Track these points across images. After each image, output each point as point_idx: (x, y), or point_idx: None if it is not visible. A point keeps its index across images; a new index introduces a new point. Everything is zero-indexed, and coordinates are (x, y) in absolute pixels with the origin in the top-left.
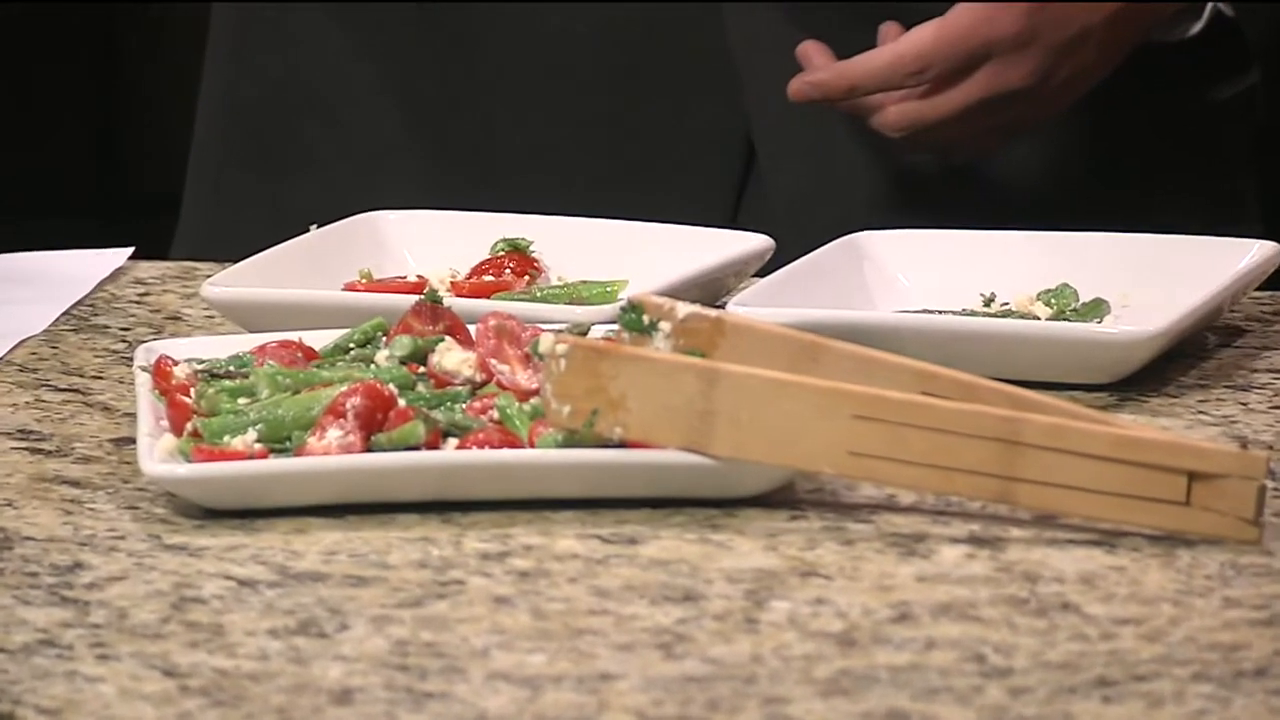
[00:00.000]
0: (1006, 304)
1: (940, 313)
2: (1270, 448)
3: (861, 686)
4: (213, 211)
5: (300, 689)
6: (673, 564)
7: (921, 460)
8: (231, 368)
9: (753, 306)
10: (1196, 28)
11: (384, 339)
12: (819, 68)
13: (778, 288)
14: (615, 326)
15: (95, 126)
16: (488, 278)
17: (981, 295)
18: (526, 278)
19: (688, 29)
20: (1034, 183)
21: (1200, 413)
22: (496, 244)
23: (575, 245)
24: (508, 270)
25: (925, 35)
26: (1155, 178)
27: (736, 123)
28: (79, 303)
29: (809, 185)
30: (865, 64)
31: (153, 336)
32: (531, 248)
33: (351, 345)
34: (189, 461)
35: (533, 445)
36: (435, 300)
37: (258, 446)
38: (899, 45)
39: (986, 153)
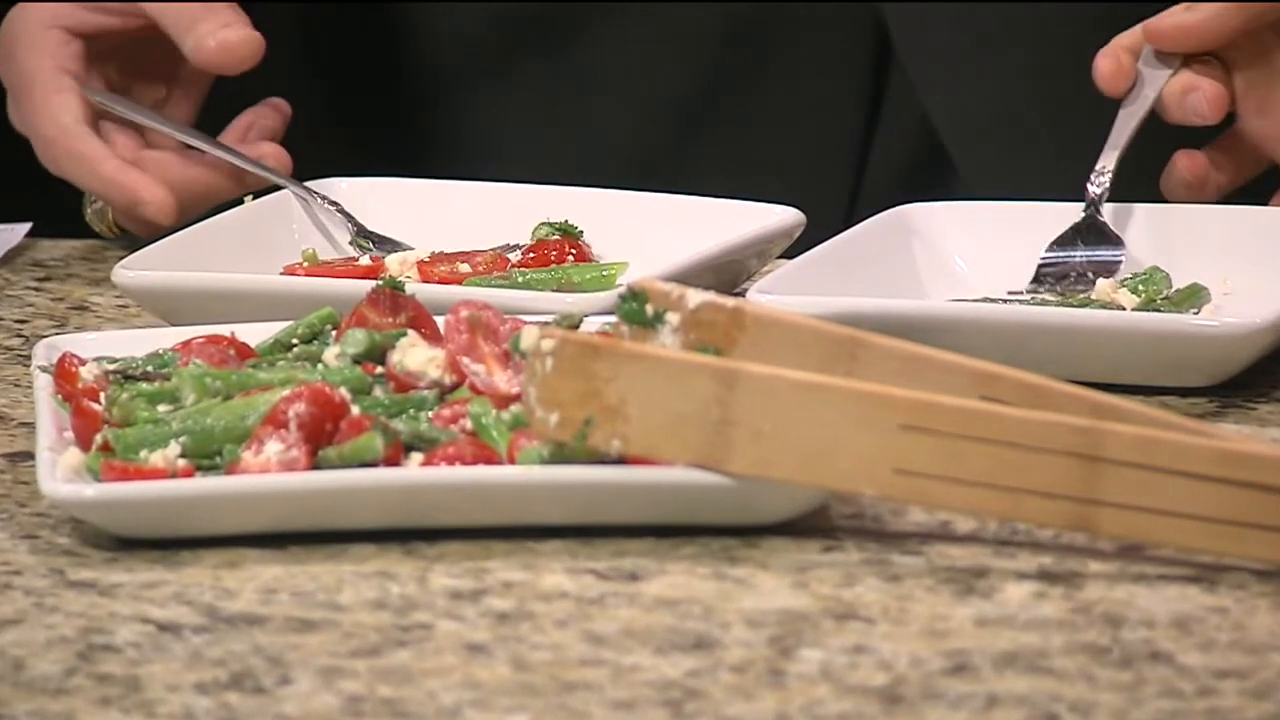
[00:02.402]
0: (1084, 290)
1: (1004, 301)
2: None
3: None
4: None
5: None
6: (682, 604)
7: (982, 480)
8: (150, 368)
9: (778, 294)
10: None
11: (333, 333)
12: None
13: (808, 271)
14: (613, 318)
15: None
16: (522, 272)
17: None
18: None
19: None
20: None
21: None
22: (539, 227)
23: (565, 218)
24: (552, 260)
25: None
26: None
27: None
28: None
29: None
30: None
31: (54, 330)
32: (579, 231)
33: (294, 341)
34: (98, 481)
35: (513, 461)
36: (395, 287)
37: (181, 463)
38: None
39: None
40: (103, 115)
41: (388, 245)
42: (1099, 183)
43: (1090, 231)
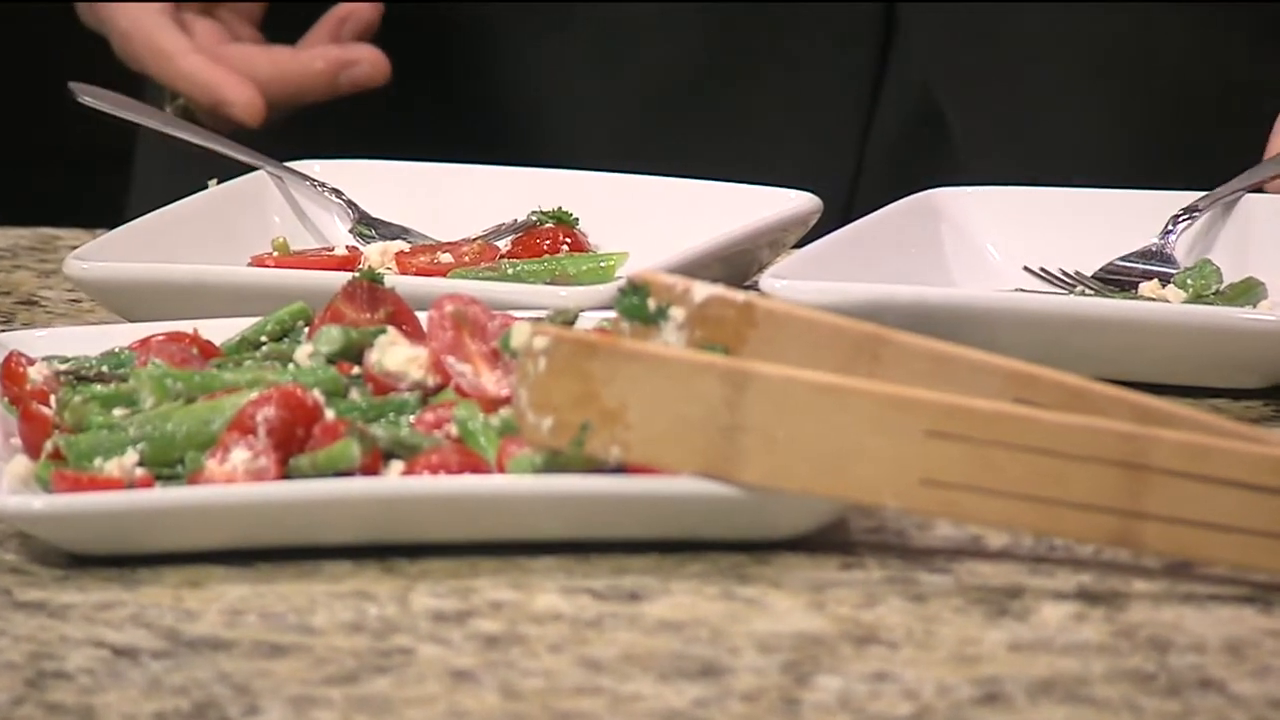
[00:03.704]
0: (1120, 281)
1: (1041, 293)
2: None
3: None
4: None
5: None
6: (688, 627)
7: (1016, 491)
8: (105, 368)
9: (793, 282)
10: None
11: (306, 330)
12: None
13: (827, 257)
14: (612, 314)
15: None
16: (512, 263)
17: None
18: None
19: None
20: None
21: None
22: (532, 214)
23: (558, 204)
24: (544, 249)
25: None
26: None
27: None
28: None
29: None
30: None
31: (0, 327)
32: (574, 219)
33: (263, 339)
34: (48, 492)
35: (502, 470)
36: (374, 279)
37: (140, 472)
38: None
39: None
40: (183, 7)
41: (393, 233)
42: (1185, 219)
43: (1156, 257)
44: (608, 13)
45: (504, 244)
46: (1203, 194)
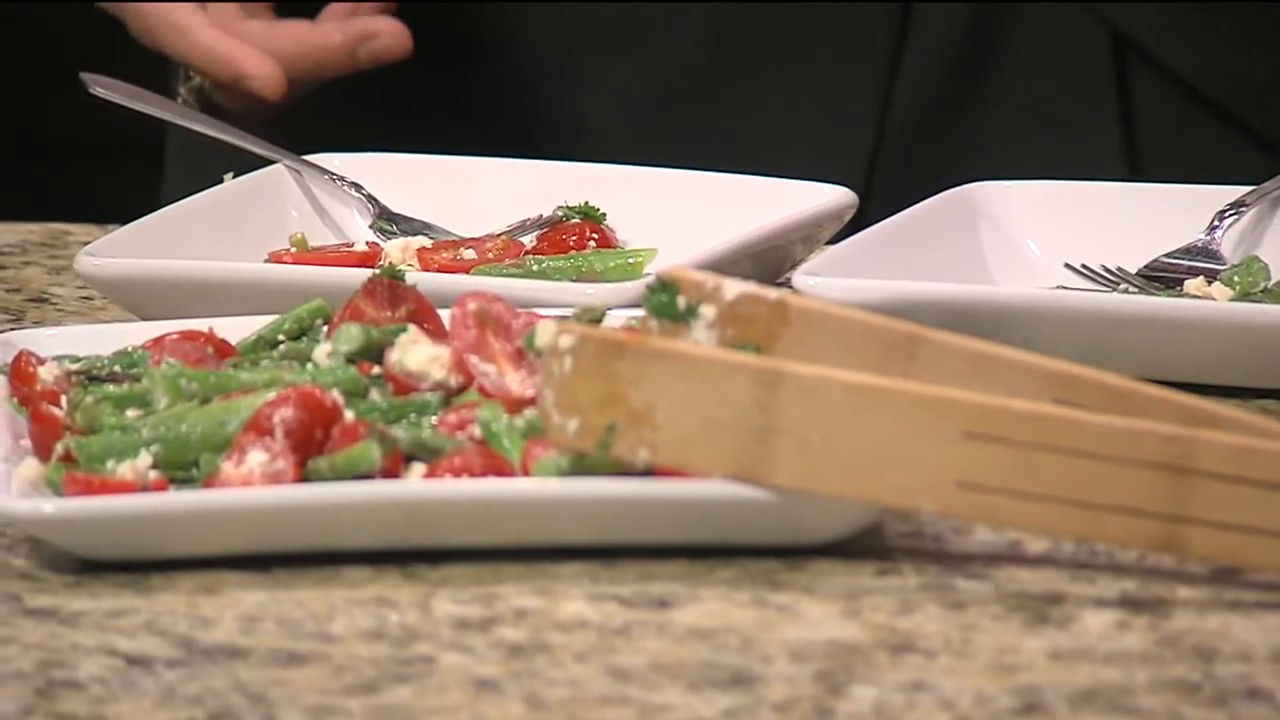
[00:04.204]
0: (1164, 278)
1: (1082, 290)
2: None
3: None
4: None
5: None
6: (718, 635)
7: (1057, 495)
8: (117, 368)
9: (827, 279)
10: None
11: (325, 329)
12: None
13: (862, 253)
14: (640, 312)
15: None
16: (537, 259)
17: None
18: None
19: None
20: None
21: None
22: (558, 208)
23: (585, 199)
24: (571, 245)
25: None
26: None
27: None
28: None
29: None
30: None
31: (10, 326)
32: (601, 214)
33: (280, 337)
34: (59, 495)
35: (527, 473)
36: (395, 276)
37: (153, 475)
38: None
39: None
40: None
41: (415, 229)
42: (1231, 214)
43: (1201, 253)
44: None
45: (529, 240)
46: (1250, 188)
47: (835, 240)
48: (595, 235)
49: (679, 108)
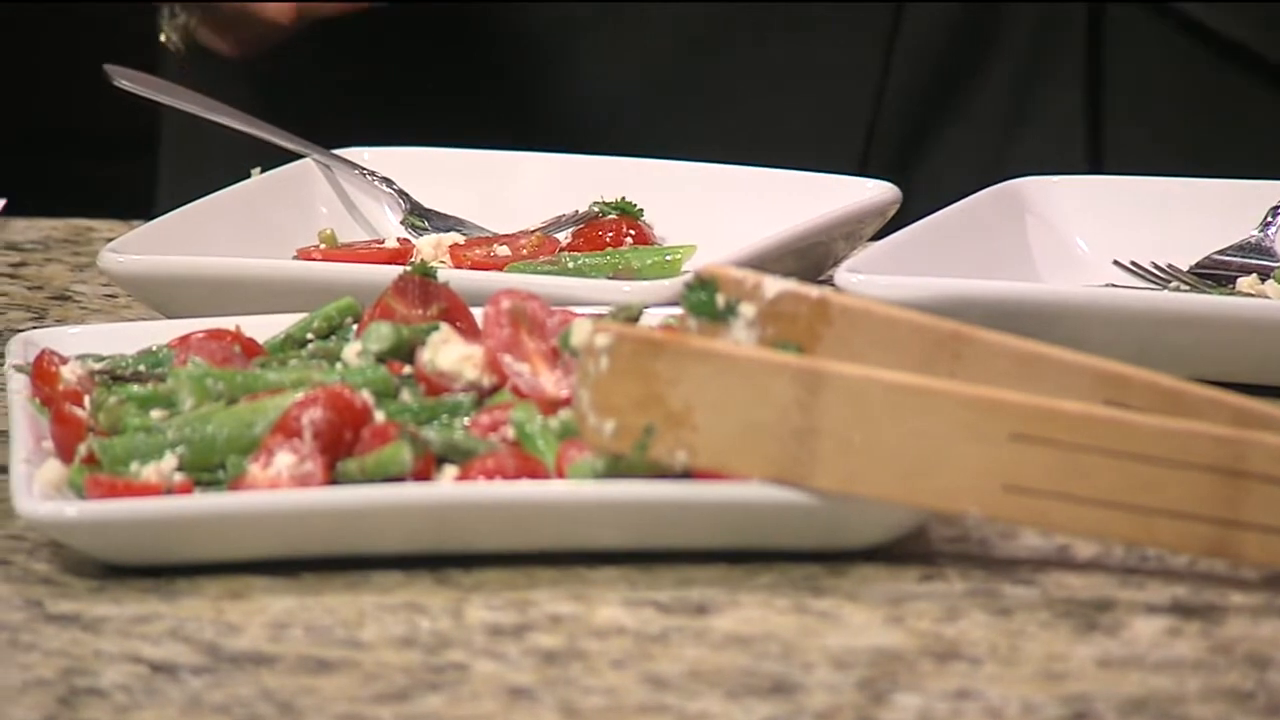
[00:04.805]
0: (1216, 276)
1: (1133, 288)
2: None
3: None
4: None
5: None
6: (758, 642)
7: (1106, 498)
8: (141, 368)
9: (870, 276)
10: None
11: (355, 327)
12: None
13: (906, 250)
14: (678, 310)
15: None
16: (573, 256)
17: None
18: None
19: None
20: None
21: None
22: (594, 204)
23: (621, 194)
24: (607, 242)
25: None
26: None
27: None
28: None
29: None
30: None
31: (31, 324)
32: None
33: (309, 336)
34: (82, 499)
35: (562, 476)
36: (426, 274)
37: (179, 477)
38: None
39: None
40: None
41: (447, 225)
42: None
43: (1255, 250)
44: None
45: (564, 236)
46: None
47: (879, 236)
48: (632, 231)
49: (666, 89)
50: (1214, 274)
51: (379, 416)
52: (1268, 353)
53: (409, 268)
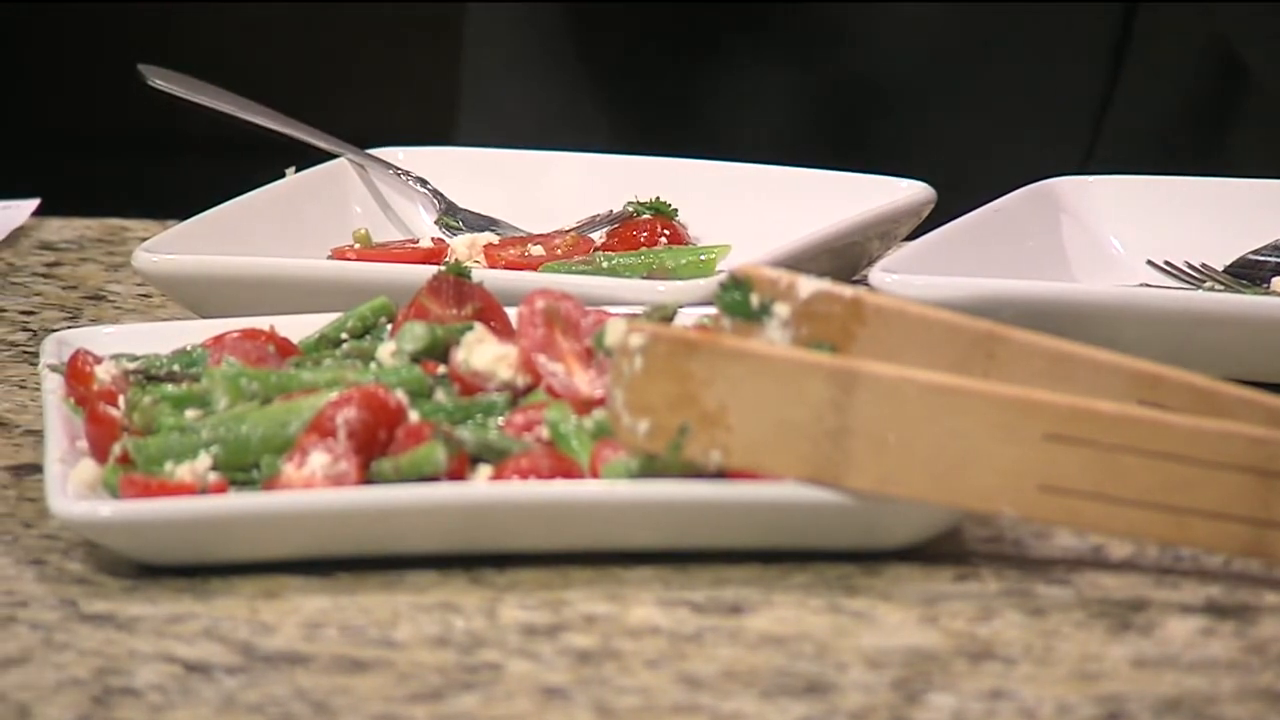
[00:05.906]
0: (1251, 276)
1: (1167, 288)
2: None
3: None
4: None
5: None
6: (792, 642)
7: (1141, 498)
8: (176, 367)
9: (905, 276)
10: None
11: (389, 327)
12: None
13: (941, 249)
14: (712, 310)
15: None
16: (607, 256)
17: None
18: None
19: None
20: None
21: None
22: (628, 204)
23: (652, 194)
24: (641, 242)
25: None
26: None
27: None
28: None
29: None
30: None
31: (66, 324)
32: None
33: (343, 336)
34: (116, 498)
35: (596, 475)
36: (461, 273)
37: (213, 477)
38: None
39: None
40: None
41: (481, 225)
42: None
43: None
44: None
45: (599, 236)
46: None
47: (913, 236)
48: (667, 231)
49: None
50: (1248, 274)
51: (413, 416)
52: None
53: (443, 267)
